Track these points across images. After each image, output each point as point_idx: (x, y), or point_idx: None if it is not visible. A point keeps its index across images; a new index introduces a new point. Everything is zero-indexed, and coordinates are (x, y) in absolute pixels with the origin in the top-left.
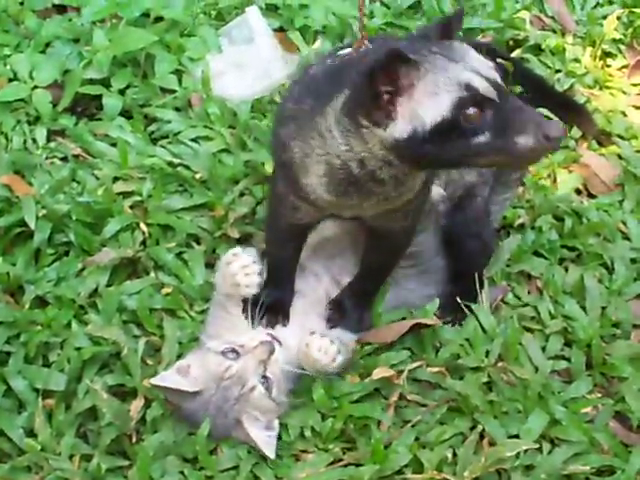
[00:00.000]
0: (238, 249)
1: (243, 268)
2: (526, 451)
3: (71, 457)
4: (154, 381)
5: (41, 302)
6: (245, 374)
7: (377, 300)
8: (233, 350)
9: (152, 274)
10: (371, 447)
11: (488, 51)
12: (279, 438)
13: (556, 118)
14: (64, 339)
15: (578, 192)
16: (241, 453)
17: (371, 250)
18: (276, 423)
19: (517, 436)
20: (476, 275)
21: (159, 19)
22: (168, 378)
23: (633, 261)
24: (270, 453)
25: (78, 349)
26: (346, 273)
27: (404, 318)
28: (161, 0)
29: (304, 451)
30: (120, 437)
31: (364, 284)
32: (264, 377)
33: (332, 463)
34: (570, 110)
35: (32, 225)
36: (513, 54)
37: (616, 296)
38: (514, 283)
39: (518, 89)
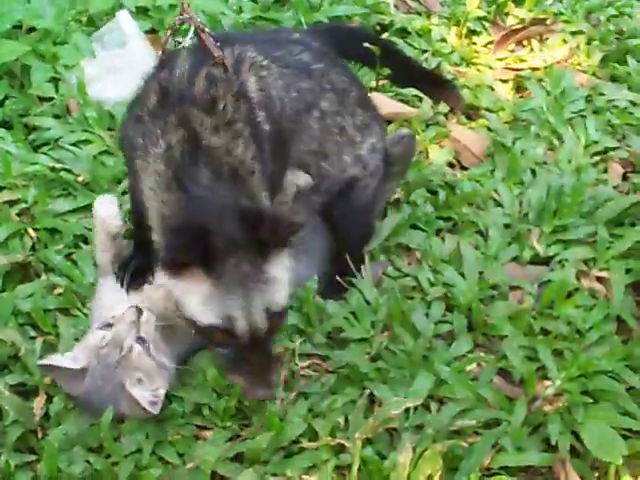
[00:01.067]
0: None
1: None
2: (415, 411)
3: None
4: (40, 362)
5: None
6: (119, 338)
7: None
8: (108, 324)
9: (43, 276)
10: (266, 420)
11: (357, 34)
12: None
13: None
14: None
15: (451, 165)
16: (141, 437)
17: None
18: (162, 390)
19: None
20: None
21: (31, 29)
22: (53, 358)
23: (506, 226)
24: (154, 410)
25: None
26: None
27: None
28: (32, 11)
29: (203, 428)
30: (25, 434)
31: None
32: (139, 338)
33: (230, 440)
34: (438, 87)
35: None
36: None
37: (492, 261)
38: (394, 256)
39: (386, 71)
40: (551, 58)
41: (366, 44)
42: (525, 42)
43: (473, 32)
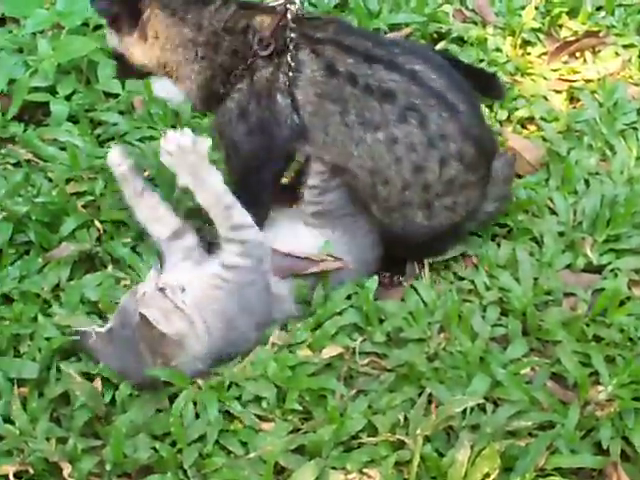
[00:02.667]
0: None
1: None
2: (472, 412)
3: (47, 440)
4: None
5: (6, 299)
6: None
7: None
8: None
9: (109, 267)
10: (327, 415)
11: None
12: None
13: None
14: (33, 331)
15: None
16: (204, 425)
17: None
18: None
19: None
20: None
21: (98, 27)
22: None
23: (561, 234)
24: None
25: (48, 339)
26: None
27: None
28: None
29: (263, 420)
30: (92, 419)
31: None
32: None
33: (291, 432)
34: (481, 79)
35: None
36: (437, 46)
37: (547, 267)
38: (451, 261)
39: None
40: (604, 70)
41: None
42: (578, 54)
43: (528, 43)
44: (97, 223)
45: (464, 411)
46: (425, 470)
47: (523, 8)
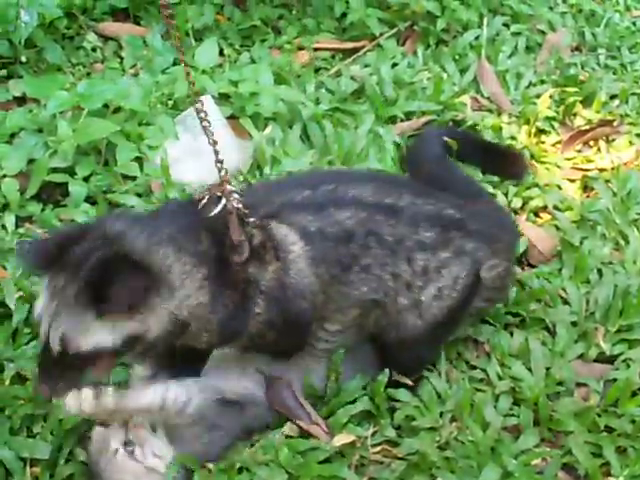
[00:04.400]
0: None
1: None
2: None
3: None
4: None
5: (20, 378)
6: (107, 439)
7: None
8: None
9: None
10: None
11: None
12: None
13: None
14: (47, 412)
15: (519, 262)
16: None
17: None
18: None
19: None
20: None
21: (118, 109)
22: None
23: (573, 324)
24: None
25: (60, 420)
26: None
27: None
28: (120, 91)
29: None
30: None
31: None
32: (126, 442)
33: None
34: (504, 158)
35: (12, 306)
36: None
37: (559, 357)
38: (462, 348)
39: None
40: (618, 159)
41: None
42: (592, 143)
43: (542, 131)
44: None
45: None
46: None
47: (537, 96)
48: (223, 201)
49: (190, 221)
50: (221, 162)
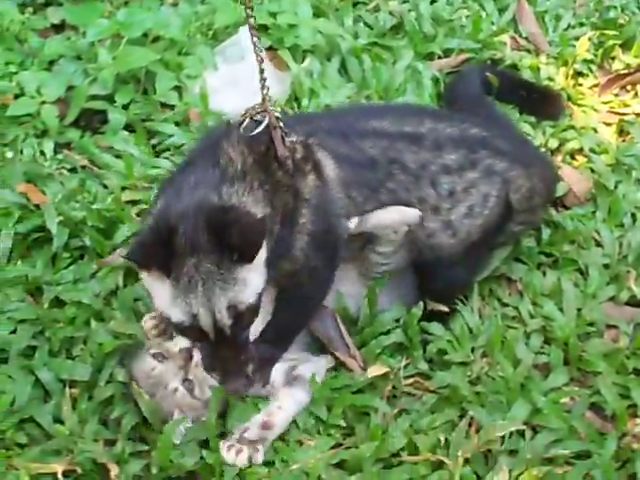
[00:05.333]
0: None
1: None
2: (510, 437)
3: (95, 441)
4: None
5: (58, 302)
6: (166, 377)
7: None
8: (161, 354)
9: None
10: (370, 432)
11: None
12: None
13: None
14: (86, 335)
15: (553, 203)
16: None
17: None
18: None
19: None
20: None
21: (157, 38)
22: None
23: (605, 267)
24: (175, 439)
25: (100, 344)
26: None
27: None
28: (160, 21)
29: (307, 437)
30: (138, 424)
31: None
32: (186, 380)
33: (333, 448)
34: (542, 98)
35: (54, 230)
36: None
37: (590, 299)
38: (495, 285)
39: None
40: None
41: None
42: (630, 87)
43: (580, 74)
44: None
45: (503, 435)
46: None
47: (576, 39)
48: (267, 119)
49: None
50: (265, 80)
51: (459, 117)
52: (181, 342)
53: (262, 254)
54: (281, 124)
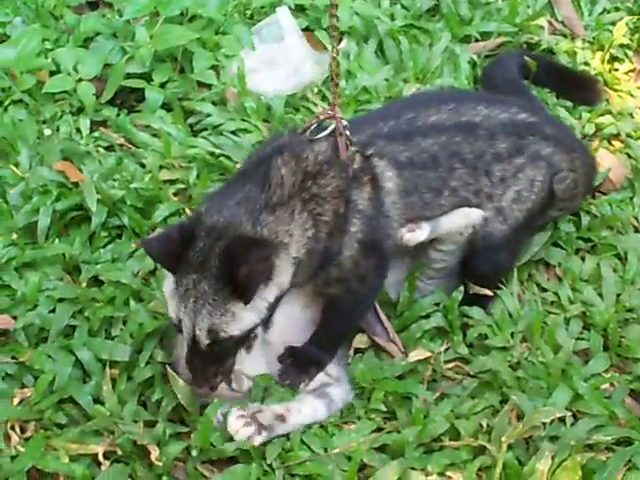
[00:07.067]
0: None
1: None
2: (551, 423)
3: (135, 422)
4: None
5: (97, 281)
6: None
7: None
8: None
9: None
10: (411, 417)
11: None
12: None
13: None
14: (126, 314)
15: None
16: None
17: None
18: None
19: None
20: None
21: (194, 17)
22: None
23: None
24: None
25: (140, 324)
26: None
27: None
28: (197, 0)
29: (347, 422)
30: (178, 406)
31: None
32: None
33: (374, 432)
34: (579, 83)
35: (93, 209)
36: None
37: (629, 284)
38: (534, 271)
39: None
40: None
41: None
42: None
43: (616, 59)
44: (188, 211)
45: (544, 422)
46: (505, 477)
47: (612, 23)
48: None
49: (269, 169)
50: (337, 85)
51: (508, 101)
52: None
53: (266, 296)
54: (347, 132)
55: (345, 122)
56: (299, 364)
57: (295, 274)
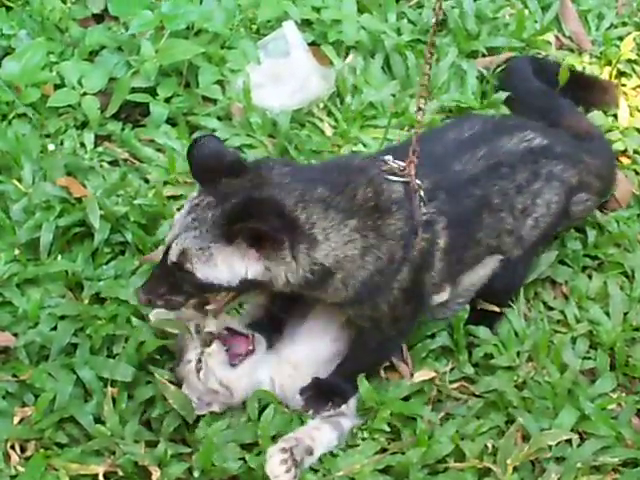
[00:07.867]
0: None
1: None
2: (557, 444)
3: (136, 443)
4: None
5: (99, 298)
6: (187, 347)
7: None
8: (198, 325)
9: None
10: (416, 437)
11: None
12: None
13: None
14: (128, 332)
15: (599, 207)
16: None
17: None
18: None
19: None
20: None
21: (200, 31)
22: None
23: None
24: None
25: (142, 343)
26: None
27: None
28: (204, 13)
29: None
30: (181, 426)
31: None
32: (199, 360)
33: (378, 453)
34: (595, 86)
35: (96, 225)
36: None
37: (637, 303)
38: (540, 289)
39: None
40: None
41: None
42: None
43: (623, 74)
44: None
45: None
46: None
47: (619, 38)
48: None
49: (349, 180)
50: (416, 151)
51: (521, 125)
52: (210, 325)
53: (248, 265)
54: (421, 192)
55: (419, 182)
56: (325, 394)
57: (308, 285)
